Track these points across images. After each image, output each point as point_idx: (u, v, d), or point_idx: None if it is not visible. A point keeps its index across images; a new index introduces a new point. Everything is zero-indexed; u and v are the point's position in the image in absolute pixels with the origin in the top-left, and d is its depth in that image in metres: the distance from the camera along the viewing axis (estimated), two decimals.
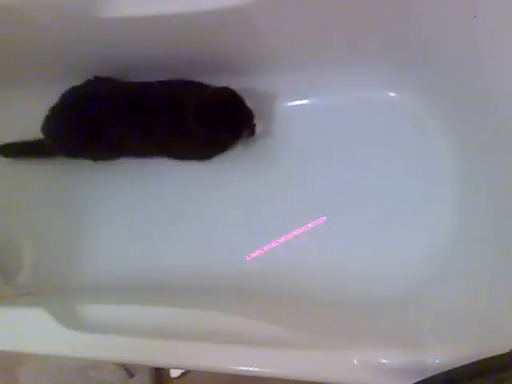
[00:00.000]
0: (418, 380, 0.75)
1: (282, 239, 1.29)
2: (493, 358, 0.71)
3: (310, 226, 1.28)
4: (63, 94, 1.26)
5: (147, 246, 1.35)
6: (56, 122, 1.27)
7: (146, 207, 1.38)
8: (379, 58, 1.22)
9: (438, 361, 0.79)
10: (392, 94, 1.29)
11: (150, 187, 1.38)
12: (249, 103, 1.22)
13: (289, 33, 1.18)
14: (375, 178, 1.27)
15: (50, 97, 1.26)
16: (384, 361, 0.82)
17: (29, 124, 1.30)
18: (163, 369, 1.44)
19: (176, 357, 0.92)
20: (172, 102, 1.21)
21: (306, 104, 1.35)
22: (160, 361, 0.98)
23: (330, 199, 1.29)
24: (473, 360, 0.72)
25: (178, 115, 1.20)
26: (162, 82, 1.25)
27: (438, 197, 1.21)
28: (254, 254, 1.28)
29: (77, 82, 1.27)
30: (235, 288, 1.25)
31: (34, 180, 1.43)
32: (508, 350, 0.72)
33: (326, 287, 1.19)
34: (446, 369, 0.74)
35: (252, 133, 1.28)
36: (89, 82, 1.27)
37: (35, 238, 1.42)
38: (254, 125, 1.27)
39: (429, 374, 0.75)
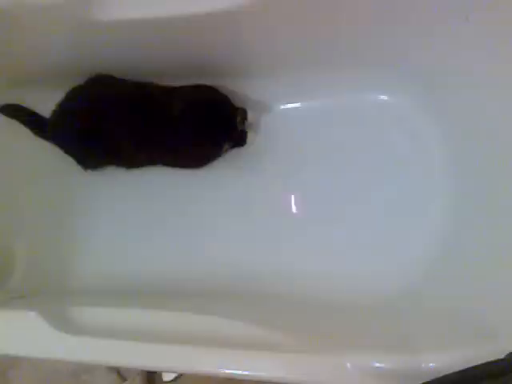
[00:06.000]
0: None
1: (277, 242, 1.29)
2: (489, 363, 0.71)
3: (303, 228, 1.28)
4: (67, 93, 1.27)
5: (141, 249, 1.35)
6: (59, 119, 1.29)
7: (141, 210, 1.38)
8: (371, 61, 1.22)
9: (432, 365, 0.79)
10: (384, 97, 1.29)
11: (145, 190, 1.38)
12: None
13: (281, 36, 1.18)
14: (369, 181, 1.28)
15: (54, 96, 1.27)
16: (377, 365, 0.82)
17: None
18: (156, 372, 1.43)
19: (169, 360, 0.92)
20: (166, 104, 1.22)
21: (297, 107, 1.34)
22: (153, 364, 0.98)
23: (324, 202, 1.29)
24: (468, 365, 0.72)
25: (170, 117, 1.21)
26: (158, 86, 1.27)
27: (432, 199, 1.21)
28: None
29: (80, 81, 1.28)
30: (230, 291, 1.24)
31: (28, 183, 1.42)
32: (504, 356, 0.72)
33: (320, 290, 1.19)
34: (440, 374, 0.74)
35: (244, 141, 1.31)
36: (91, 80, 1.27)
37: (28, 242, 1.41)
38: (247, 132, 1.30)
39: (423, 379, 0.74)
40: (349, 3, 1.08)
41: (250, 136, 1.31)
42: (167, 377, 1.42)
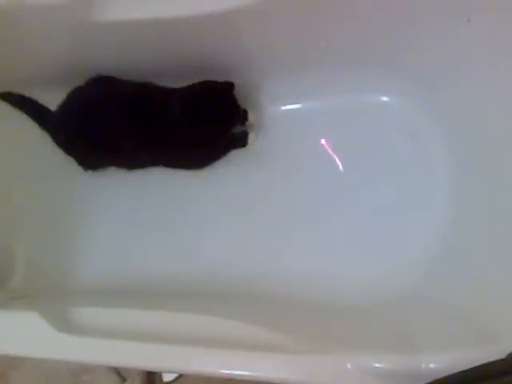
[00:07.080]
0: None
1: (277, 243, 1.29)
2: (491, 363, 0.70)
3: (303, 229, 1.28)
4: (68, 94, 1.27)
5: (142, 249, 1.35)
6: (60, 119, 1.29)
7: (141, 210, 1.38)
8: (372, 62, 1.22)
9: (432, 366, 0.79)
10: (384, 98, 1.29)
11: (145, 190, 1.38)
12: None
13: (282, 36, 1.18)
14: (369, 181, 1.28)
15: (55, 97, 1.27)
16: (377, 365, 0.82)
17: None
18: (156, 373, 1.43)
19: (169, 360, 0.91)
20: (166, 104, 1.22)
21: (298, 108, 1.34)
22: (153, 364, 0.98)
23: (324, 202, 1.29)
24: (469, 366, 0.71)
25: (170, 117, 1.21)
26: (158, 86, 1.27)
27: (432, 199, 1.21)
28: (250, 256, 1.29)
29: (80, 82, 1.28)
30: (229, 292, 1.24)
31: (29, 184, 1.42)
32: (505, 356, 0.71)
33: (320, 291, 1.19)
34: (440, 374, 0.74)
35: (245, 142, 1.31)
36: (91, 82, 1.28)
37: (28, 242, 1.41)
38: (248, 133, 1.31)
39: (423, 379, 0.74)
40: (350, 4, 1.08)
41: (250, 137, 1.31)
42: (167, 377, 1.42)
